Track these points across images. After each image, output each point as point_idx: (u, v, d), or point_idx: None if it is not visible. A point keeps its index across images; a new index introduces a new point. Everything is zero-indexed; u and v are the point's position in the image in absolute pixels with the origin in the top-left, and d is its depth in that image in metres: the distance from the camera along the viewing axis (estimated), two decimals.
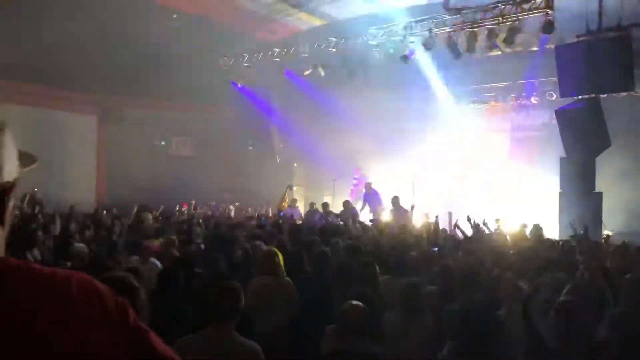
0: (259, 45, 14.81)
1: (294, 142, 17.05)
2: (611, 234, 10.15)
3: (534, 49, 11.96)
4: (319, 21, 13.95)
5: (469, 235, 7.75)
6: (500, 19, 10.70)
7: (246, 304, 3.44)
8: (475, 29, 11.08)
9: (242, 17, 13.76)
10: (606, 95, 10.45)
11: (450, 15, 11.28)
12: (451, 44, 11.39)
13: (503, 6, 10.65)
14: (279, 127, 17.45)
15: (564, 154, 10.85)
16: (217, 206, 13.73)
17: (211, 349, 3.00)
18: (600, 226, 9.85)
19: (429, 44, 11.62)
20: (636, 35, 9.73)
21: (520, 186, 13.54)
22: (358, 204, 13.43)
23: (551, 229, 9.85)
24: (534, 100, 13.99)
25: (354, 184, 16.06)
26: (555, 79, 11.33)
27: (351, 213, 11.51)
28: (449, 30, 11.48)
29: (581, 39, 10.26)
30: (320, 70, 13.74)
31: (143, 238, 6.86)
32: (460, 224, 8.35)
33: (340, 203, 12.58)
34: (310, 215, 12.71)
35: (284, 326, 4.66)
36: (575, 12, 10.30)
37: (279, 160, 17.40)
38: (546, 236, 8.53)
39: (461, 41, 11.32)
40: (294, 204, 14.03)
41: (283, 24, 14.20)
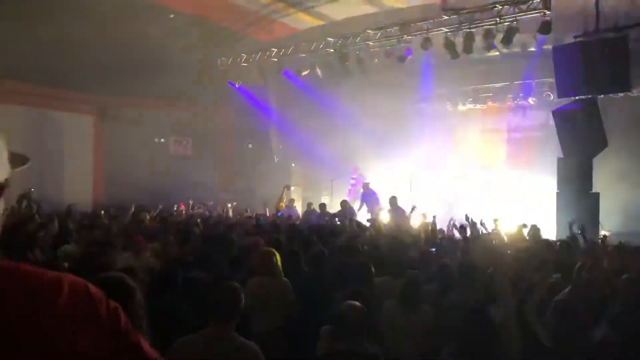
0: (257, 45, 14.81)
1: (291, 142, 17.04)
2: (608, 234, 10.15)
3: (532, 49, 11.98)
4: (316, 21, 13.95)
5: (467, 235, 7.75)
6: (498, 19, 10.73)
7: (243, 304, 3.43)
8: (472, 30, 11.11)
9: (239, 17, 13.77)
10: (603, 95, 10.48)
11: (447, 15, 11.30)
12: (449, 44, 11.41)
13: (500, 7, 10.67)
14: (276, 127, 17.44)
15: (561, 154, 10.87)
16: (215, 206, 13.69)
17: (211, 349, 3.00)
18: (597, 226, 9.86)
19: (426, 44, 11.64)
20: (633, 36, 9.76)
21: (517, 187, 13.55)
22: (356, 204, 13.45)
23: (548, 229, 9.85)
24: (531, 101, 14.02)
25: (352, 184, 16.04)
26: (553, 80, 11.35)
27: (349, 213, 11.51)
28: (446, 30, 11.50)
29: (578, 39, 10.28)
30: (318, 71, 13.73)
31: None
32: (457, 224, 8.35)
33: (338, 203, 12.59)
34: (307, 215, 12.71)
35: (281, 326, 4.65)
36: (572, 13, 10.34)
37: (276, 160, 17.38)
38: (544, 237, 8.53)
39: (459, 41, 11.34)
40: (292, 204, 14.02)
41: (281, 24, 14.20)
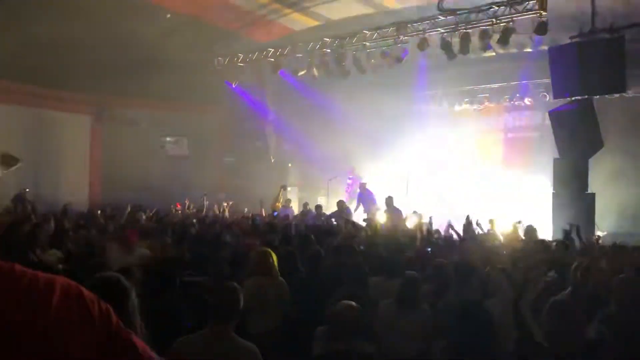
0: (254, 46, 14.80)
1: (288, 142, 17.03)
2: (603, 234, 10.19)
3: (528, 50, 12.00)
4: (313, 22, 13.95)
5: (463, 235, 7.77)
6: (494, 20, 10.74)
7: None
8: (469, 30, 11.12)
9: (236, 17, 13.75)
10: (599, 96, 10.51)
11: (444, 16, 11.32)
12: (445, 44, 11.42)
13: (497, 7, 10.69)
14: (273, 127, 17.44)
15: (557, 154, 10.90)
16: (211, 206, 13.67)
17: (211, 349, 3.00)
18: (593, 227, 9.89)
19: (422, 44, 11.65)
20: (629, 37, 9.80)
21: (513, 187, 13.57)
22: (352, 204, 13.45)
23: (544, 229, 9.87)
24: (527, 101, 14.04)
25: (349, 184, 16.05)
26: (549, 80, 11.38)
27: (345, 213, 11.52)
28: (442, 31, 11.52)
29: (574, 40, 10.32)
30: (315, 71, 13.73)
31: None
32: (454, 224, 8.36)
33: (335, 203, 12.58)
34: (303, 215, 12.71)
35: (278, 326, 4.65)
36: (568, 14, 10.37)
37: (273, 160, 17.38)
38: (540, 237, 8.55)
39: (455, 42, 11.35)
40: (288, 204, 14.03)
41: (278, 24, 14.20)
